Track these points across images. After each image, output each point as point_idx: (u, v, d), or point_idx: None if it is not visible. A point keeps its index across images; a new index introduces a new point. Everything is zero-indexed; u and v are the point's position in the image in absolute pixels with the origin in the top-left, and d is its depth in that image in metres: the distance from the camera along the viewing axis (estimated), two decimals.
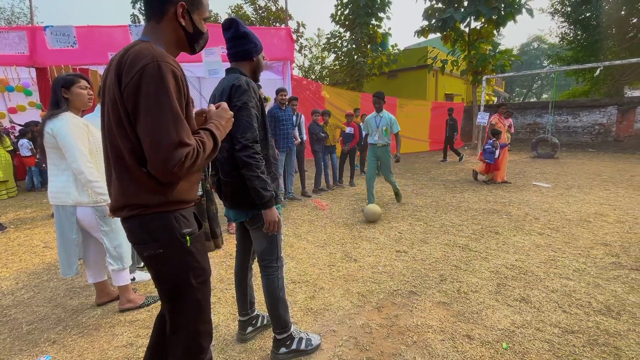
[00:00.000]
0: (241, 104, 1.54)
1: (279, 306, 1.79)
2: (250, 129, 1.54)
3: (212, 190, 3.47)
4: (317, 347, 1.88)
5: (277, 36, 7.75)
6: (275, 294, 1.78)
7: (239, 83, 1.56)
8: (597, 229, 3.70)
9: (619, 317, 2.09)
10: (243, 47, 1.67)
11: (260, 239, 1.76)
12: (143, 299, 2.44)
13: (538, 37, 38.41)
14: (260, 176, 1.54)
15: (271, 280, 1.78)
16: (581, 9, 13.91)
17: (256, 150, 1.55)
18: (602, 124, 11.97)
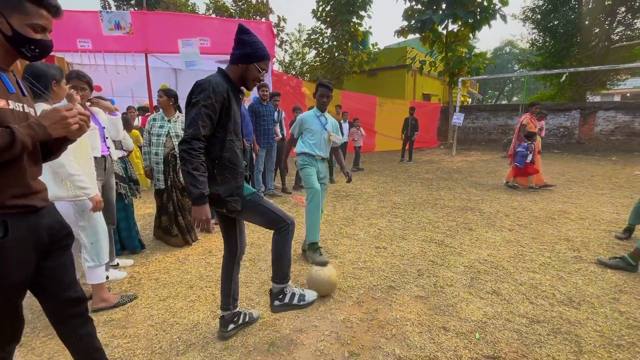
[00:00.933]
0: (194, 102, 1.61)
1: (284, 260, 2.04)
2: (193, 125, 1.58)
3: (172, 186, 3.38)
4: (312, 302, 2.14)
5: (257, 30, 7.61)
6: (283, 248, 2.01)
7: (201, 82, 1.63)
8: (561, 226, 3.95)
9: (579, 307, 2.25)
10: (235, 50, 1.75)
11: (253, 218, 1.92)
12: (118, 298, 2.36)
13: (510, 42, 40.06)
14: (191, 172, 1.58)
15: (281, 237, 1.98)
16: (550, 17, 14.65)
17: (193, 147, 1.57)
18: (567, 126, 12.72)
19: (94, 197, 2.10)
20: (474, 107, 15.88)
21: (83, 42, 6.31)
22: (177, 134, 3.32)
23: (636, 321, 2.10)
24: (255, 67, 1.75)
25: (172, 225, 3.41)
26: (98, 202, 2.13)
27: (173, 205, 3.41)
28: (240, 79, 1.77)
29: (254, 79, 1.78)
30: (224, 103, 1.67)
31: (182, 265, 3.02)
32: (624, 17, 13.72)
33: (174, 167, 3.36)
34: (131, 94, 8.28)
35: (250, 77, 1.77)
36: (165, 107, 3.32)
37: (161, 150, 3.32)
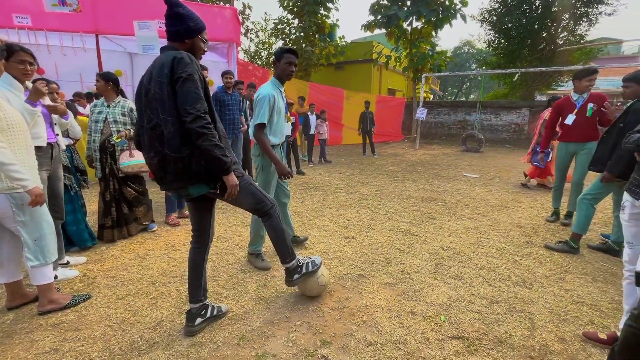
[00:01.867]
0: (187, 75, 1.50)
1: (284, 238, 2.00)
2: (200, 99, 1.52)
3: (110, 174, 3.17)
4: (320, 264, 2.16)
5: (221, 16, 7.28)
6: (279, 229, 1.97)
7: (181, 55, 1.53)
8: (514, 214, 4.26)
9: (532, 287, 2.44)
10: (175, 27, 1.64)
11: (242, 200, 1.84)
12: (69, 299, 2.15)
13: (468, 42, 42.21)
14: (218, 144, 1.54)
15: (272, 219, 1.94)
16: (504, 20, 15.60)
17: (209, 121, 1.53)
18: (518, 123, 13.70)
19: (32, 190, 1.83)
20: (435, 103, 16.55)
21: (20, 18, 5.62)
22: (115, 120, 3.10)
23: (579, 297, 2.31)
24: (200, 40, 1.70)
25: (106, 217, 3.20)
26: (37, 196, 1.86)
27: (110, 195, 3.19)
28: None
29: (200, 51, 1.73)
30: (204, 77, 1.62)
31: (143, 261, 2.84)
32: (568, 23, 14.98)
33: (111, 155, 3.13)
34: (80, 78, 7.56)
35: (197, 51, 1.71)
36: (103, 91, 3.09)
37: (98, 137, 3.11)
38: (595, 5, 14.03)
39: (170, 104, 1.53)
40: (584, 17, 14.46)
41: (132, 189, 3.30)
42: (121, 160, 3.10)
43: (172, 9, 1.63)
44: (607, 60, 22.82)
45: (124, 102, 3.17)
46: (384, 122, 13.89)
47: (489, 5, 16.44)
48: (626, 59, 24.87)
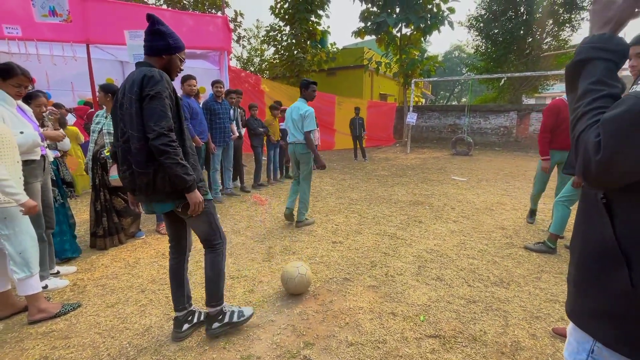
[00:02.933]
0: (154, 93, 1.57)
1: (220, 280, 1.93)
2: (165, 117, 1.58)
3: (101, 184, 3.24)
4: (249, 317, 2.01)
5: (213, 24, 7.39)
6: (220, 268, 1.92)
7: (151, 73, 1.60)
8: (498, 216, 4.39)
9: (508, 287, 2.55)
10: (155, 42, 1.71)
11: (198, 223, 1.84)
12: (59, 308, 2.20)
13: (459, 47, 42.95)
14: (180, 162, 1.60)
15: (215, 255, 1.90)
16: (491, 26, 16.01)
17: (172, 139, 1.59)
18: (506, 126, 13.99)
19: (26, 204, 1.91)
20: (426, 107, 16.82)
21: (10, 29, 5.66)
22: (109, 132, 3.17)
23: (553, 295, 2.43)
24: (177, 58, 1.78)
25: (98, 226, 3.27)
26: (31, 208, 1.93)
27: (101, 205, 3.26)
28: (164, 70, 1.74)
29: (176, 69, 1.81)
30: (174, 94, 1.70)
31: (133, 269, 2.89)
32: (552, 29, 15.40)
33: (103, 166, 3.20)
34: (71, 87, 7.60)
35: (173, 68, 1.79)
36: (103, 102, 3.19)
37: (92, 147, 3.20)
38: (577, 11, 14.46)
39: (138, 121, 1.59)
40: (567, 23, 14.88)
41: (122, 199, 3.36)
42: (111, 173, 3.16)
43: (153, 25, 1.71)
44: None
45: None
46: (375, 127, 14.07)
47: (476, 12, 16.85)
48: None
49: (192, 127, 4.31)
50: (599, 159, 0.64)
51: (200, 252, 3.21)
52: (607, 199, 0.72)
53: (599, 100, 0.69)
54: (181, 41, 1.79)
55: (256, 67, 20.97)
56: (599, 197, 0.73)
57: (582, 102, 0.71)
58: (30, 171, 2.29)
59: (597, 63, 0.71)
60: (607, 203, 0.72)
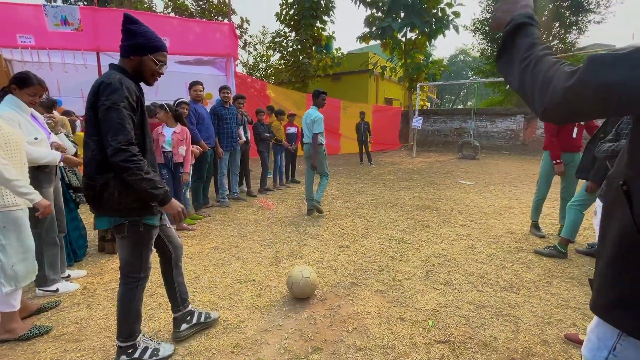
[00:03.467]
0: (110, 104, 1.44)
1: (129, 317, 1.73)
2: (123, 130, 1.45)
3: None
4: (166, 357, 1.81)
5: (220, 31, 7.50)
6: (129, 304, 1.72)
7: (109, 81, 1.47)
8: (506, 220, 4.34)
9: (518, 292, 2.52)
10: (125, 42, 1.60)
11: (123, 248, 1.69)
12: (26, 330, 2.04)
13: (464, 51, 42.88)
14: (145, 177, 1.48)
15: (128, 290, 1.72)
16: None
17: (132, 153, 1.46)
18: (513, 129, 13.88)
19: (40, 203, 1.93)
20: (431, 111, 16.79)
21: (24, 38, 5.82)
22: None
23: (564, 301, 2.39)
24: (151, 59, 1.61)
25: (106, 230, 3.29)
26: (46, 207, 1.96)
27: None
28: (136, 73, 1.63)
29: (151, 72, 1.64)
30: (138, 101, 1.57)
31: None
32: (558, 31, 15.32)
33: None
34: (81, 94, 7.74)
35: (146, 71, 1.63)
36: None
37: None
38: (584, 14, 14.37)
39: (90, 130, 1.51)
40: (573, 26, 14.79)
41: None
42: None
43: (124, 24, 1.59)
44: None
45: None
46: (381, 131, 14.06)
47: (481, 16, 16.84)
48: None
49: (199, 132, 4.36)
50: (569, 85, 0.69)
51: (208, 255, 3.24)
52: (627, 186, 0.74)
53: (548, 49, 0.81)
54: (158, 41, 1.63)
55: (262, 72, 21.19)
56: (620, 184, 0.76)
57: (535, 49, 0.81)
58: (46, 176, 2.33)
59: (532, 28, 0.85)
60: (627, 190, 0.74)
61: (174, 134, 3.75)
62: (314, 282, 2.39)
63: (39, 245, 2.35)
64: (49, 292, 2.52)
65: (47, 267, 2.46)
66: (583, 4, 13.97)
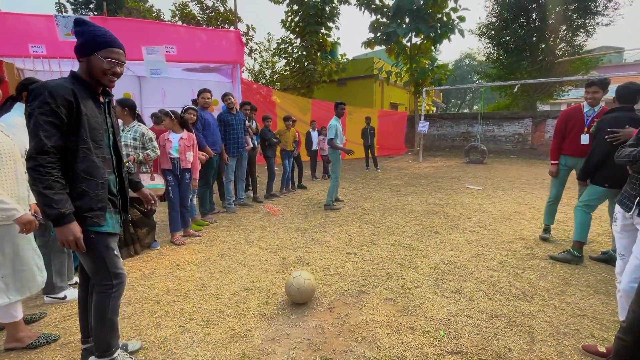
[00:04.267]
0: (30, 110, 1.41)
1: (104, 328, 1.64)
2: (35, 137, 1.38)
3: None
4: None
5: (226, 38, 7.58)
6: (104, 314, 1.63)
7: (34, 87, 1.42)
8: (516, 226, 4.25)
9: (532, 300, 2.44)
10: (77, 43, 1.53)
11: (83, 258, 1.61)
12: (34, 338, 2.03)
13: (469, 55, 42.77)
14: (42, 192, 1.38)
15: (102, 298, 1.63)
16: (502, 33, 15.91)
17: (40, 163, 1.38)
18: (521, 133, 13.73)
19: (20, 219, 1.77)
20: (437, 116, 16.72)
21: (36, 47, 5.95)
22: (125, 144, 3.26)
23: (580, 310, 2.31)
24: (98, 58, 1.51)
25: None
26: (26, 224, 1.79)
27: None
28: (89, 76, 1.55)
29: (102, 72, 1.53)
30: (71, 107, 1.46)
31: (148, 280, 2.90)
32: (565, 34, 15.19)
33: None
34: None
35: (96, 71, 1.53)
36: (120, 117, 3.29)
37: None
38: (592, 16, 14.23)
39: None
40: (581, 29, 14.66)
41: (138, 210, 3.41)
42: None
43: (75, 25, 1.53)
44: (609, 68, 22.90)
45: (137, 127, 3.33)
46: (387, 136, 14.03)
47: (487, 20, 16.79)
48: (628, 67, 24.91)
49: (205, 138, 4.39)
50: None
51: (215, 262, 3.22)
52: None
53: None
54: (103, 37, 1.52)
55: (267, 79, 21.34)
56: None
57: None
58: None
59: None
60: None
61: (181, 140, 3.77)
62: (308, 282, 2.40)
63: (46, 253, 2.36)
64: (57, 300, 2.52)
65: (54, 274, 2.47)
66: (591, 6, 13.84)
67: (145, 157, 3.30)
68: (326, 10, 14.83)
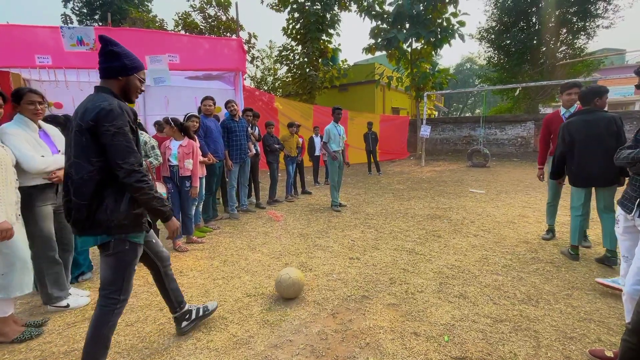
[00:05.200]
0: (115, 129, 1.51)
1: (98, 343, 1.65)
2: (132, 153, 1.55)
3: None
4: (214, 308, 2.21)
5: (228, 46, 7.67)
6: (101, 328, 1.65)
7: (110, 107, 1.51)
8: (521, 229, 4.22)
9: (538, 305, 2.42)
10: (110, 64, 1.64)
11: (105, 266, 1.67)
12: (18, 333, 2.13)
13: (470, 59, 42.89)
14: (155, 196, 1.62)
15: (105, 312, 1.66)
16: (502, 37, 15.95)
17: (144, 174, 1.57)
18: (523, 136, 13.68)
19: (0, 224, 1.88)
20: (439, 120, 16.71)
21: (42, 58, 6.05)
22: None
23: (587, 314, 2.28)
24: (136, 78, 1.71)
25: None
26: (3, 231, 1.89)
27: None
28: (122, 93, 1.70)
29: (136, 90, 1.73)
30: (134, 123, 1.66)
31: (152, 287, 2.90)
32: (566, 37, 15.21)
33: None
34: None
35: (132, 89, 1.71)
36: None
37: None
38: (592, 19, 14.25)
39: (89, 153, 1.52)
40: (581, 31, 14.67)
41: None
42: None
43: (106, 46, 1.63)
44: (611, 70, 22.84)
45: (139, 136, 3.35)
46: (389, 141, 14.04)
47: (487, 24, 16.87)
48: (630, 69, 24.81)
49: (207, 145, 4.42)
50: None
51: (218, 268, 3.22)
52: None
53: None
54: (139, 60, 1.71)
55: (269, 85, 21.52)
56: None
57: None
58: (39, 194, 2.34)
59: None
60: None
61: (180, 147, 3.79)
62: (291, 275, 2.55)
63: (38, 264, 2.37)
64: (61, 308, 2.53)
65: (50, 284, 2.45)
66: (590, 9, 13.87)
67: (147, 165, 3.33)
68: (327, 17, 14.99)
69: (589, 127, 2.92)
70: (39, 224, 2.34)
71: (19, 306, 2.60)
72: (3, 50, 5.83)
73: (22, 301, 2.66)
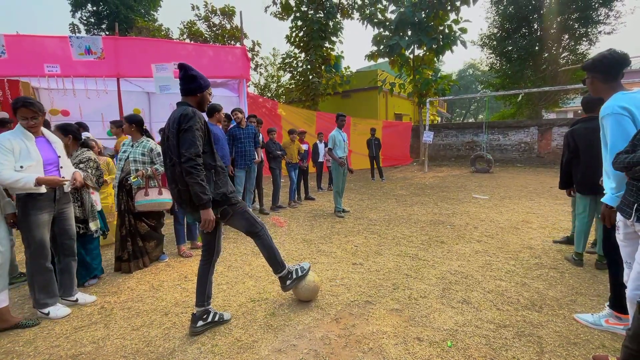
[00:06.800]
0: (187, 127, 1.97)
1: (274, 254, 2.40)
2: (193, 145, 1.95)
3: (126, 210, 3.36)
4: (308, 268, 2.57)
5: (232, 54, 7.80)
6: (269, 244, 2.36)
7: (186, 112, 2.00)
8: (524, 235, 4.21)
9: (541, 310, 2.41)
10: (190, 85, 2.14)
11: (238, 222, 2.26)
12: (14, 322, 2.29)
13: (472, 65, 43.02)
14: (200, 182, 1.96)
15: (263, 237, 2.34)
16: (504, 43, 16.04)
17: (198, 162, 1.96)
18: (527, 142, 13.66)
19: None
20: (442, 126, 16.73)
21: (51, 67, 6.19)
22: (134, 159, 3.33)
23: None
24: (208, 93, 2.24)
25: (123, 250, 3.38)
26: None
27: (126, 230, 3.38)
28: (198, 105, 2.18)
29: (207, 102, 2.26)
30: (206, 127, 2.10)
31: (157, 292, 2.94)
32: (568, 43, 15.26)
33: (128, 192, 3.35)
34: (101, 117, 8.10)
35: (205, 102, 2.24)
36: (128, 133, 3.41)
37: (118, 175, 3.37)
38: (594, 25, 14.30)
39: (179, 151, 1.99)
40: (583, 37, 14.72)
41: (146, 224, 3.48)
42: (136, 199, 3.29)
43: (187, 72, 2.12)
44: None
45: (145, 142, 3.41)
46: (392, 147, 14.07)
47: (488, 31, 16.98)
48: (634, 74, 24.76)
49: None
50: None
51: (222, 274, 3.25)
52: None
53: None
54: (207, 80, 2.20)
55: (273, 92, 21.71)
56: None
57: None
58: (34, 203, 2.38)
59: None
60: None
61: None
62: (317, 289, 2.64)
63: (29, 269, 2.44)
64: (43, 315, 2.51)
65: (37, 290, 2.48)
66: (592, 15, 13.93)
67: (153, 171, 3.37)
68: (330, 25, 15.17)
69: (592, 135, 2.88)
70: (32, 232, 2.39)
71: (26, 310, 2.64)
72: (13, 59, 5.97)
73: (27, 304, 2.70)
